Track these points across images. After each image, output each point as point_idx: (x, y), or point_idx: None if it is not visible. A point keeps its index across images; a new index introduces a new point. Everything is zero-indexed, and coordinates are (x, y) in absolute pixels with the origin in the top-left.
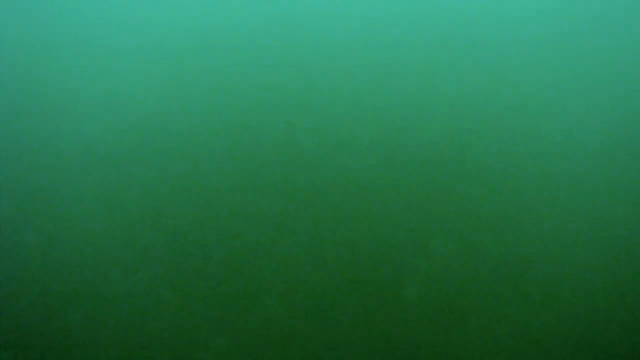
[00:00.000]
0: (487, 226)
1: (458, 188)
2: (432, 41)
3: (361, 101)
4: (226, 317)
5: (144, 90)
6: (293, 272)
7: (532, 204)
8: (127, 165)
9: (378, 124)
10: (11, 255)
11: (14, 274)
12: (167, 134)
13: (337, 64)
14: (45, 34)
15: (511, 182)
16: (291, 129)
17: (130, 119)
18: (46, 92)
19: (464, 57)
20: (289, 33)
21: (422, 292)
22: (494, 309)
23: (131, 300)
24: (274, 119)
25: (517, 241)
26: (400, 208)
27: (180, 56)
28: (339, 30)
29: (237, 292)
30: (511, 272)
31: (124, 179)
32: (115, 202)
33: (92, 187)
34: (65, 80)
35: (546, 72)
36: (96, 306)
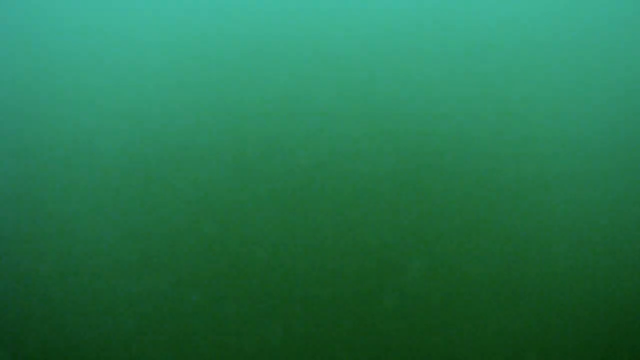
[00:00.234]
0: (483, 231)
1: (453, 193)
2: (433, 47)
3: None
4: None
5: (144, 90)
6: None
7: (530, 209)
8: (127, 165)
9: (375, 132)
10: (11, 255)
11: (14, 274)
12: (170, 136)
13: (337, 69)
14: (45, 34)
15: (507, 187)
16: (285, 137)
17: (131, 120)
18: (46, 92)
19: (463, 61)
20: (291, 39)
21: (422, 293)
22: (485, 316)
23: (131, 301)
24: (273, 121)
25: (515, 247)
26: (399, 209)
27: (181, 56)
28: (341, 34)
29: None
30: (506, 278)
31: (123, 179)
32: (114, 202)
33: (92, 187)
34: (66, 81)
35: (546, 76)
36: (96, 306)
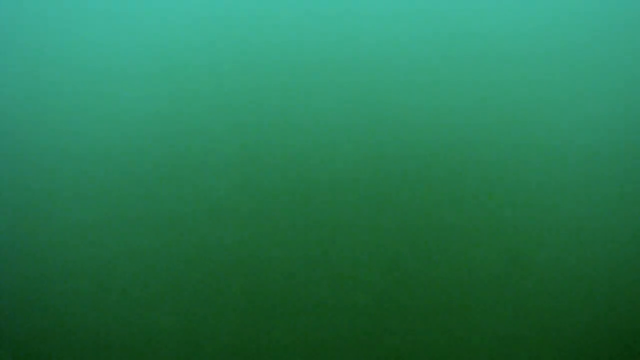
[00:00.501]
0: (483, 231)
1: (455, 195)
2: (432, 50)
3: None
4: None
5: (144, 92)
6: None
7: (530, 211)
8: (127, 166)
9: (375, 134)
10: (11, 255)
11: (14, 274)
12: (170, 135)
13: (335, 68)
14: (45, 34)
15: (507, 187)
16: (285, 139)
17: (131, 122)
18: (46, 93)
19: (466, 66)
20: (293, 38)
21: (422, 294)
22: (485, 316)
23: (131, 301)
24: (273, 120)
25: (515, 247)
26: (399, 210)
27: (181, 57)
28: (339, 32)
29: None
30: (507, 279)
31: (124, 179)
32: (114, 203)
33: (92, 187)
34: (66, 82)
35: (546, 80)
36: (96, 306)
